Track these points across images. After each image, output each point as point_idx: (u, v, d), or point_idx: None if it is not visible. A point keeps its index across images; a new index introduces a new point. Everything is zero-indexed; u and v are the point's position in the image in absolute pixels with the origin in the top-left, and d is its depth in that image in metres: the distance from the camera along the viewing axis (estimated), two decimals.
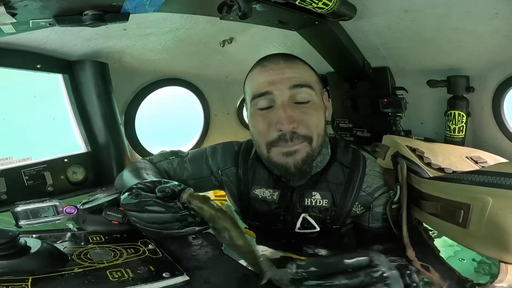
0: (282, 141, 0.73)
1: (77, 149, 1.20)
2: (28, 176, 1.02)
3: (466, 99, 1.18)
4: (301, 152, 0.74)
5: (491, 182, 0.63)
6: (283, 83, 0.74)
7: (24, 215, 0.65)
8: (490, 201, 0.61)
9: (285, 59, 0.77)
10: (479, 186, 0.65)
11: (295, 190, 0.81)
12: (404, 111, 1.28)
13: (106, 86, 1.20)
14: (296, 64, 0.77)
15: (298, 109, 0.74)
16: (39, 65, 1.07)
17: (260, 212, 0.84)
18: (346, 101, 1.45)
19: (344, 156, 0.83)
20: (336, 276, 0.42)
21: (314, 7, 0.83)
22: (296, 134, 0.73)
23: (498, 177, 0.62)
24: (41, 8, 0.62)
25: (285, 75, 0.74)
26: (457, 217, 0.66)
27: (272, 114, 0.74)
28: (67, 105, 1.18)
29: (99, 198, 0.70)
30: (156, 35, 1.15)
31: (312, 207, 0.79)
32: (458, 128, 1.20)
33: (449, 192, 0.70)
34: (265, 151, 0.77)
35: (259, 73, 0.78)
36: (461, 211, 0.65)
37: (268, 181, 0.83)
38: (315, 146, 0.76)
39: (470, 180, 0.67)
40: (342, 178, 0.80)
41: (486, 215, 0.61)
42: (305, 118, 0.74)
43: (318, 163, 0.81)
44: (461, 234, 0.67)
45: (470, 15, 0.90)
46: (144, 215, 0.56)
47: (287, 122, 0.71)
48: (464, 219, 0.65)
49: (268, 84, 0.75)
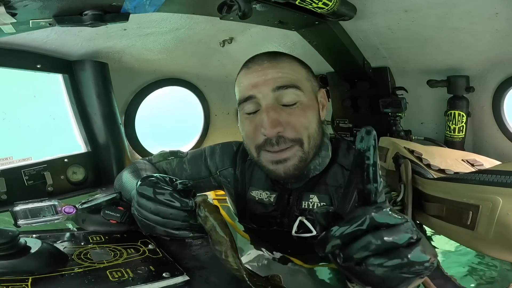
0: (269, 145, 0.70)
1: (77, 149, 1.20)
2: (28, 176, 1.02)
3: (466, 99, 1.18)
4: (292, 159, 0.71)
5: (500, 181, 0.60)
6: (266, 85, 0.70)
7: (23, 215, 0.65)
8: (500, 201, 0.59)
9: (270, 59, 0.73)
10: (488, 186, 0.62)
11: (293, 193, 0.79)
12: (404, 111, 1.28)
13: (106, 86, 1.20)
14: (281, 63, 0.73)
15: (284, 111, 0.70)
16: (39, 65, 1.06)
17: (256, 214, 0.82)
18: (346, 101, 1.45)
19: (345, 158, 0.79)
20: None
21: (314, 7, 0.83)
22: (283, 138, 0.70)
23: (507, 176, 0.59)
24: (41, 8, 0.62)
25: (268, 76, 0.71)
26: (464, 219, 0.64)
27: (258, 118, 0.72)
28: (67, 105, 1.18)
29: (98, 198, 0.70)
30: (156, 35, 1.15)
31: (310, 210, 0.76)
32: (458, 128, 1.19)
33: (455, 193, 0.68)
34: (255, 155, 0.75)
35: (244, 76, 0.75)
36: (469, 213, 0.63)
37: (265, 182, 0.81)
38: (308, 148, 0.72)
39: (478, 180, 0.64)
40: (342, 181, 0.77)
41: (496, 216, 0.59)
42: (292, 120, 0.70)
43: (316, 165, 0.78)
44: (469, 237, 0.64)
45: (470, 15, 0.90)
46: (151, 204, 0.54)
47: (270, 127, 0.68)
48: (473, 221, 0.62)
49: (251, 88, 0.72)
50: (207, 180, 0.91)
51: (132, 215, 0.62)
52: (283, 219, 0.79)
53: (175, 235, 0.55)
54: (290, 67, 0.73)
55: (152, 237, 0.65)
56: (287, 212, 0.79)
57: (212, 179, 0.91)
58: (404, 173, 0.79)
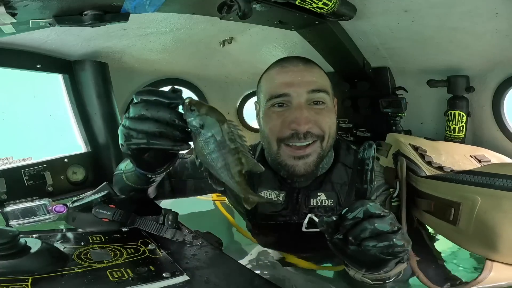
0: (295, 138, 0.74)
1: (77, 149, 1.20)
2: (28, 176, 1.02)
3: (466, 99, 1.18)
4: (312, 155, 0.76)
5: (481, 182, 0.65)
6: (302, 87, 0.75)
7: (13, 215, 0.65)
8: (479, 200, 0.64)
9: (304, 63, 0.79)
10: (469, 186, 0.67)
11: (301, 191, 0.82)
12: (404, 111, 1.28)
13: (106, 86, 1.20)
14: (314, 69, 0.80)
15: (313, 110, 0.76)
16: (39, 65, 1.07)
17: (266, 213, 0.84)
18: (346, 101, 1.45)
19: (347, 157, 0.84)
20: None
21: (314, 7, 0.83)
22: (310, 133, 0.75)
23: (488, 178, 0.64)
24: (41, 8, 0.62)
25: (304, 78, 0.76)
26: (448, 215, 0.69)
27: (288, 113, 0.75)
28: (67, 105, 1.18)
29: (88, 196, 0.70)
30: (156, 35, 1.15)
31: (318, 207, 0.80)
32: (458, 128, 1.19)
33: (442, 190, 0.73)
34: (275, 148, 0.78)
35: (278, 74, 0.79)
36: (452, 209, 0.68)
37: (274, 182, 0.84)
38: (326, 146, 0.78)
39: (461, 180, 0.70)
40: (346, 178, 0.81)
41: (474, 213, 0.64)
42: (320, 118, 0.76)
43: (324, 164, 0.82)
44: (452, 232, 0.70)
45: (470, 15, 0.90)
46: (138, 107, 0.51)
47: (303, 123, 0.73)
48: (455, 217, 0.68)
49: (286, 86, 0.76)
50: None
51: (123, 213, 0.62)
52: (293, 217, 0.82)
53: (159, 144, 0.52)
54: (320, 74, 0.80)
55: (152, 237, 0.65)
56: (296, 210, 0.81)
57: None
58: (399, 171, 0.83)
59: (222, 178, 0.53)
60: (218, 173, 0.53)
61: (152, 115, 0.51)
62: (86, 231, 0.66)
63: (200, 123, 0.51)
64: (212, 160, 0.52)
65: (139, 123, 0.52)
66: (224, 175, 0.52)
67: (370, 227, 0.49)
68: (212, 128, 0.51)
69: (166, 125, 0.51)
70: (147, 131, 0.51)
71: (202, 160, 0.53)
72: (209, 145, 0.51)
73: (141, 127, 0.52)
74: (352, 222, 0.50)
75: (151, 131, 0.51)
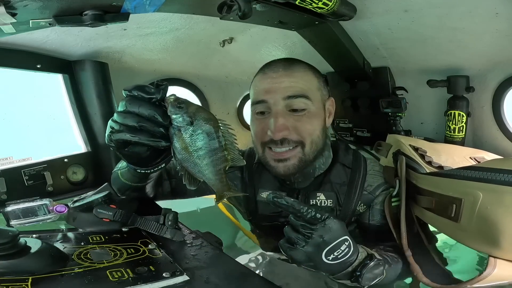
0: (273, 144, 0.77)
1: (77, 149, 1.20)
2: (28, 176, 1.02)
3: (466, 99, 1.18)
4: (292, 159, 0.77)
5: (482, 177, 0.64)
6: (278, 93, 0.76)
7: (14, 215, 0.65)
8: (480, 195, 0.63)
9: (286, 67, 0.78)
10: (470, 181, 0.66)
11: (300, 192, 0.83)
12: (404, 111, 1.28)
13: (106, 86, 1.20)
14: (295, 72, 0.78)
15: (292, 117, 0.76)
16: (39, 65, 1.06)
17: (267, 214, 0.86)
18: (346, 101, 1.45)
19: (345, 157, 0.85)
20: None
21: (314, 7, 0.83)
22: (287, 140, 0.76)
23: (489, 173, 0.63)
24: (41, 8, 0.62)
25: (282, 84, 0.76)
26: (449, 212, 0.68)
27: (266, 121, 0.77)
28: (67, 105, 1.18)
29: (89, 196, 0.70)
30: (156, 35, 1.15)
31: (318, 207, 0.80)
32: (458, 128, 1.19)
33: (443, 187, 0.72)
34: (261, 150, 0.81)
35: (259, 80, 0.80)
36: (453, 206, 0.67)
37: (274, 184, 0.86)
38: (309, 151, 0.78)
39: (462, 176, 0.69)
40: (345, 178, 0.82)
41: (476, 209, 0.63)
42: (298, 125, 0.76)
43: (321, 165, 0.83)
44: (454, 229, 0.69)
45: (470, 15, 0.90)
46: (123, 104, 0.54)
47: (277, 131, 0.74)
48: (456, 214, 0.67)
49: (264, 93, 0.77)
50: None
51: (124, 213, 0.62)
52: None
53: (138, 139, 0.52)
54: (303, 77, 0.78)
55: (152, 237, 0.65)
56: None
57: None
58: (399, 169, 0.82)
59: (205, 176, 0.53)
60: (202, 170, 0.53)
61: (133, 110, 0.52)
62: (86, 231, 0.66)
63: (188, 120, 0.51)
64: (198, 157, 0.52)
65: (122, 117, 0.53)
66: (207, 172, 0.53)
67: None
68: (203, 125, 0.52)
69: (146, 120, 0.52)
70: (127, 125, 0.53)
71: (183, 158, 0.53)
72: (196, 142, 0.52)
73: (123, 121, 0.53)
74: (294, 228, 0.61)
75: (131, 125, 0.52)
